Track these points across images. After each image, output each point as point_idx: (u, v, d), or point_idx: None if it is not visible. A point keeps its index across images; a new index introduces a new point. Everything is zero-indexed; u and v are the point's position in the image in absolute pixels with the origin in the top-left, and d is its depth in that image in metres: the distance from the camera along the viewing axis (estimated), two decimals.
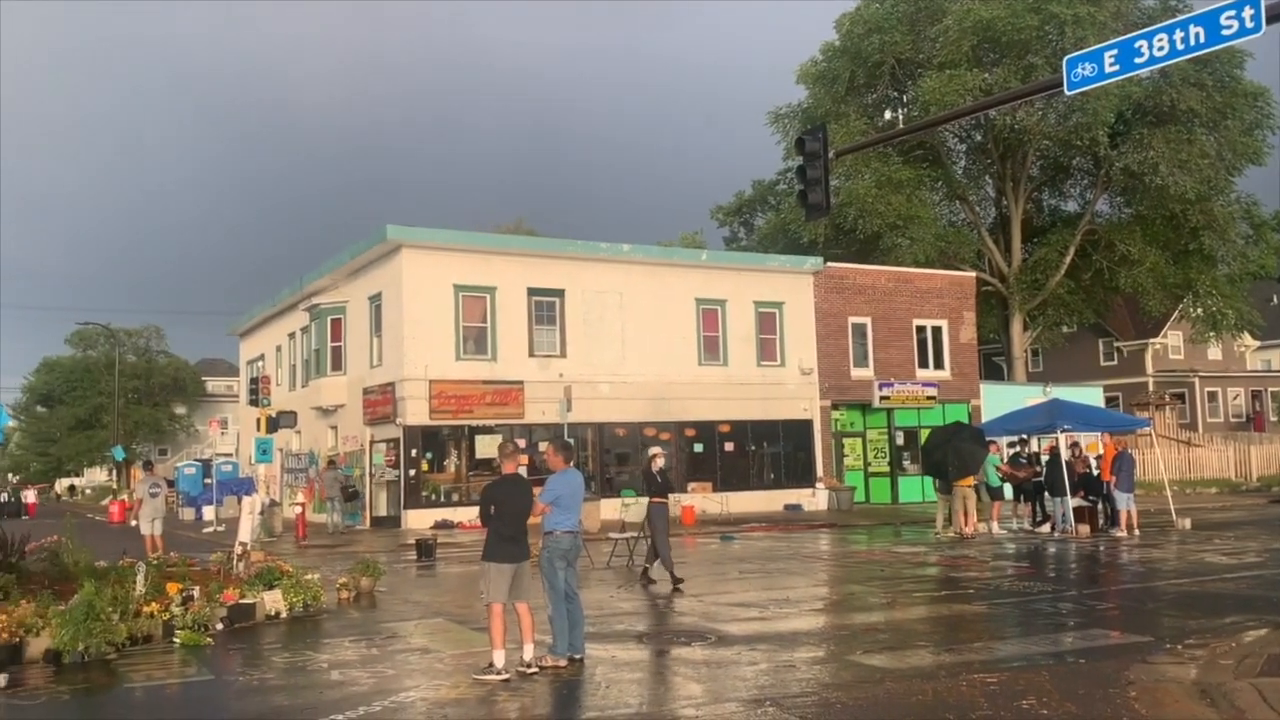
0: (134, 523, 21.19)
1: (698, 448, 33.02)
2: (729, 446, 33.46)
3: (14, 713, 7.72)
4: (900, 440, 36.54)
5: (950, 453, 22.96)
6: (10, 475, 79.58)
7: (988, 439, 24.34)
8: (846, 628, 11.62)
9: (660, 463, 15.90)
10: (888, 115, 21.25)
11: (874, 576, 16.39)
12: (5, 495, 51.00)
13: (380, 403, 30.24)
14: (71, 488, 77.01)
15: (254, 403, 32.11)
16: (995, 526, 23.72)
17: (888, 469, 36.70)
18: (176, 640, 10.89)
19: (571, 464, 10.25)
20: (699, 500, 30.48)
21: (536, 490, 9.90)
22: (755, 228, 54.31)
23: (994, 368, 55.56)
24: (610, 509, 27.13)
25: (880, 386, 35.67)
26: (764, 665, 9.53)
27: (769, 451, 34.50)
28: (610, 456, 32.16)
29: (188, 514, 41.11)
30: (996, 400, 35.74)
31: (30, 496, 50.23)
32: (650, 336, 32.21)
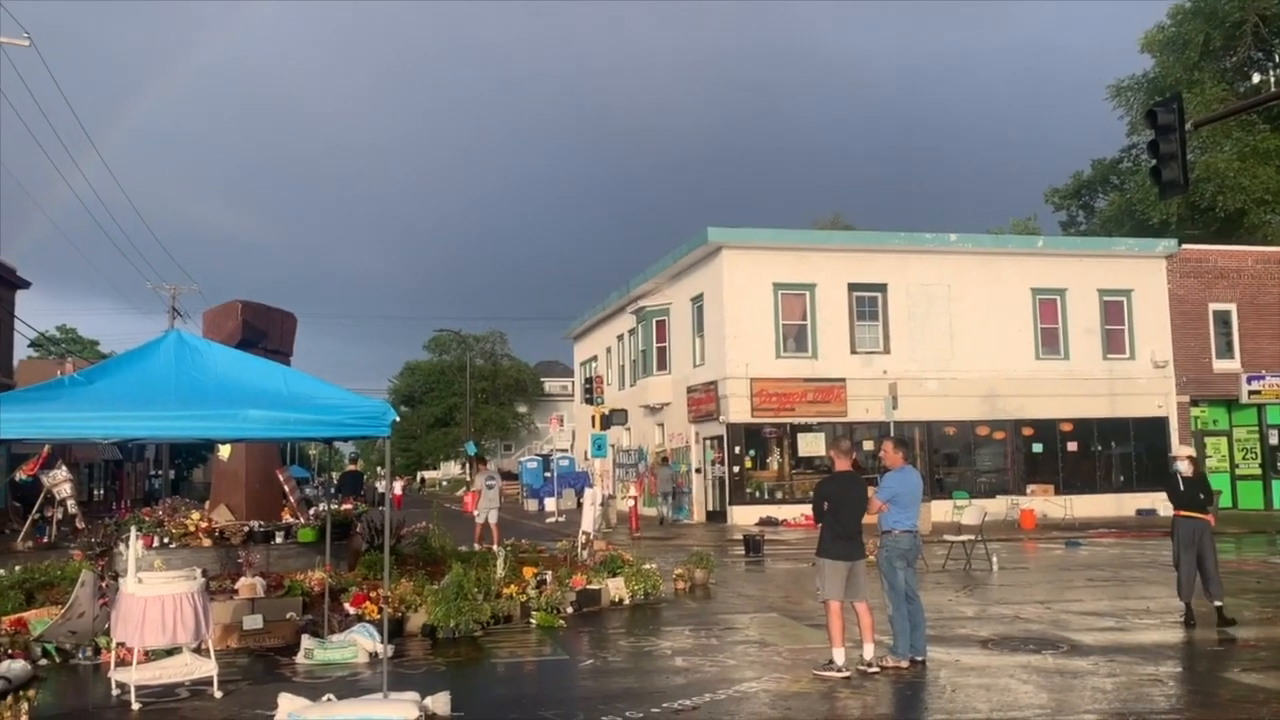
0: (474, 512, 23.03)
1: (1036, 447, 31.23)
2: (1071, 446, 31.38)
3: (402, 680, 8.56)
4: (1274, 439, 32.66)
5: None
6: (378, 468, 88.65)
7: None
8: (1217, 642, 10.52)
9: (1185, 466, 12.06)
10: (1255, 79, 18.97)
11: (1247, 589, 14.72)
12: (377, 486, 57.11)
13: (703, 401, 30.96)
14: (422, 480, 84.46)
15: (588, 401, 34.01)
16: None
17: (1259, 471, 32.89)
18: (533, 621, 11.69)
19: (908, 462, 9.98)
20: (1040, 504, 28.80)
21: (870, 489, 9.72)
22: (1096, 210, 50.54)
23: None
24: (940, 511, 26.20)
25: (1249, 380, 32.07)
26: (1124, 678, 8.83)
27: (1117, 452, 31.97)
28: (939, 457, 31.13)
29: (531, 505, 44.12)
30: None
31: (397, 488, 55.79)
32: (981, 330, 30.84)
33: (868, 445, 28.70)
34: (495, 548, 15.88)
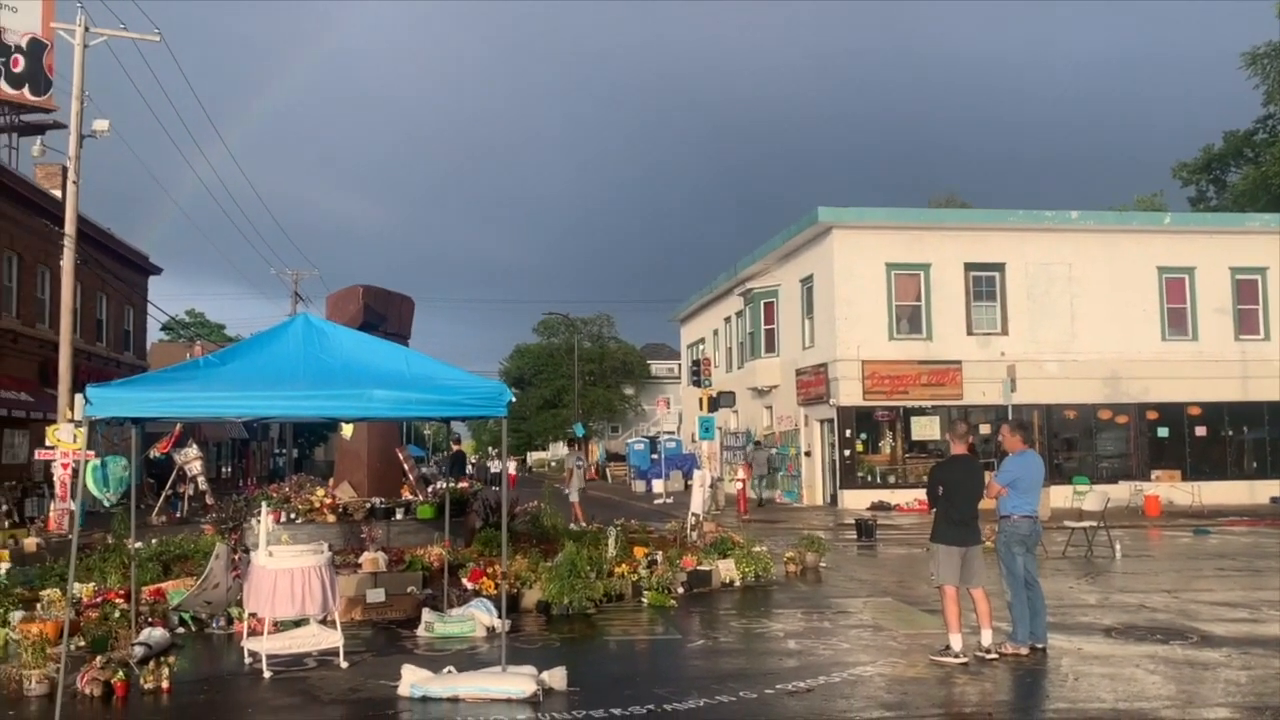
0: (565, 490, 23.52)
1: (1161, 432, 30.11)
2: (1200, 431, 30.15)
3: (519, 655, 8.74)
4: None
5: None
6: (490, 448, 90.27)
7: None
8: None
9: None
10: None
11: None
12: (490, 466, 58.48)
13: (813, 383, 30.67)
14: (522, 461, 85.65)
15: (696, 384, 33.98)
16: None
17: None
18: (645, 600, 11.80)
19: (1029, 446, 9.72)
20: (1165, 490, 27.74)
21: (988, 474, 9.51)
22: (1228, 185, 48.22)
23: None
24: (1059, 496, 25.43)
25: None
26: (1259, 671, 8.46)
27: (1250, 437, 30.56)
28: (1058, 441, 30.28)
29: (639, 486, 44.40)
30: None
31: (511, 468, 56.84)
32: (1104, 310, 29.84)
33: (984, 429, 28.07)
34: (611, 527, 16.03)
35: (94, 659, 8.10)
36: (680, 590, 12.40)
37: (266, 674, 8.38)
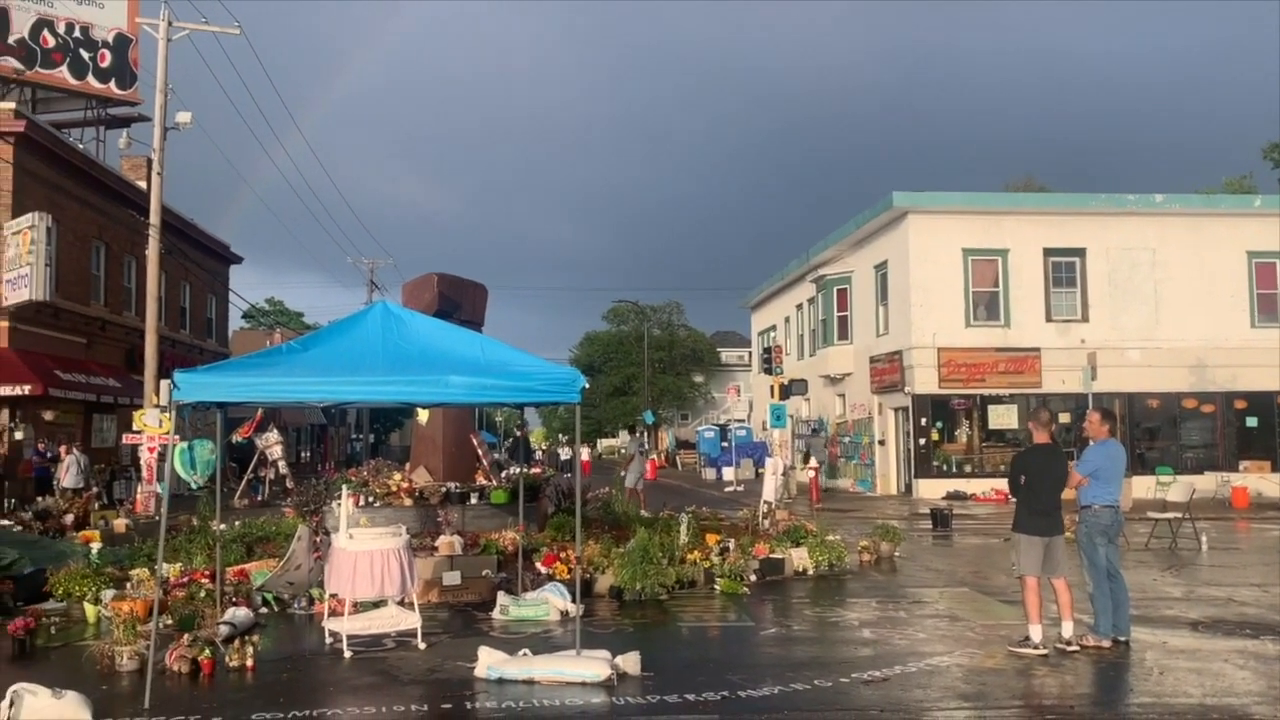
0: (622, 473, 23.62)
1: (1250, 421, 29.18)
2: None
3: (592, 639, 8.79)
4: None
5: None
6: (560, 435, 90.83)
7: None
8: None
9: None
10: None
11: None
12: (560, 453, 58.95)
13: (887, 371, 30.31)
14: (592, 448, 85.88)
15: (767, 371, 33.83)
16: None
17: None
18: (717, 587, 11.78)
19: (1113, 435, 9.50)
20: (1253, 481, 26.92)
21: (1070, 463, 9.32)
22: None
23: None
24: (1141, 487, 24.82)
25: None
26: None
27: None
28: (1140, 431, 29.50)
29: (709, 474, 44.38)
30: None
31: (584, 454, 57.19)
32: (1189, 296, 28.99)
33: (1064, 418, 27.48)
34: (683, 514, 16.05)
35: (181, 637, 8.34)
36: (752, 578, 12.36)
37: (347, 654, 8.55)
